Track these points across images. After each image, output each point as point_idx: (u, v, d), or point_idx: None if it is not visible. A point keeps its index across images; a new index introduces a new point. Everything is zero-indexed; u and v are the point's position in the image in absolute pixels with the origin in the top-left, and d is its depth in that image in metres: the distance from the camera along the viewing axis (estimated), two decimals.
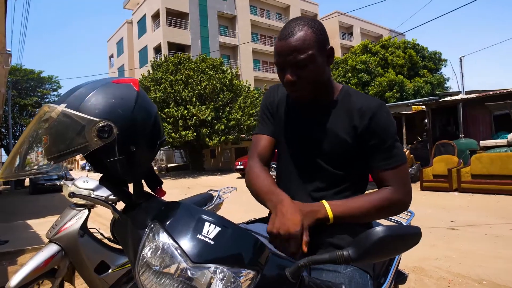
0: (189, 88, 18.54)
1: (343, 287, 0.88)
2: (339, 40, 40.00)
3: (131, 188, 0.90)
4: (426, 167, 9.21)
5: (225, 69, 20.67)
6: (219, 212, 2.97)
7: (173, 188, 12.64)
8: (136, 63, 34.31)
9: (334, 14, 37.56)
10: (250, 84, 22.02)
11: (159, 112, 15.07)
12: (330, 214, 0.94)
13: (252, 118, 19.54)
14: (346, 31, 42.40)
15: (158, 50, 30.29)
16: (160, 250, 0.69)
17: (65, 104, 0.75)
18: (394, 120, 1.05)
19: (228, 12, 32.98)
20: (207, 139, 18.42)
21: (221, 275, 0.66)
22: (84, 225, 2.24)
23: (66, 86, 58.51)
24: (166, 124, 17.80)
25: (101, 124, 0.74)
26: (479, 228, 4.78)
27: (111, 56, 41.40)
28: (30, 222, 6.79)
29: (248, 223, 1.21)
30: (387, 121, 1.01)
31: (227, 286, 0.65)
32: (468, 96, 12.19)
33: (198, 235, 0.69)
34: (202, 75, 19.10)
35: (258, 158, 1.14)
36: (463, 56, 16.00)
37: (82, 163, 37.09)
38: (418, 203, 6.83)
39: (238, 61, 32.88)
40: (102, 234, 2.46)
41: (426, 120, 12.22)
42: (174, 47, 29.57)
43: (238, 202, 5.04)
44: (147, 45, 31.94)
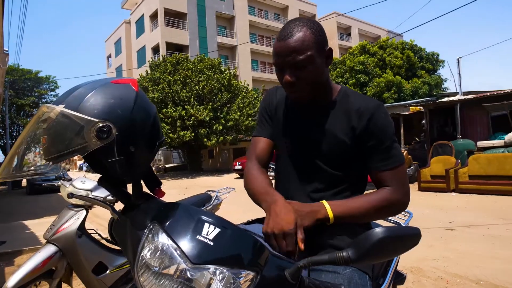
0: (187, 89, 18.52)
1: None
2: (337, 41, 40.08)
3: (129, 189, 0.90)
4: (424, 168, 9.25)
5: (223, 69, 20.66)
6: (217, 212, 2.96)
7: (171, 189, 12.62)
8: (134, 63, 34.26)
9: (332, 15, 37.69)
10: (248, 85, 22.02)
11: (157, 113, 14.94)
12: (331, 214, 0.94)
13: (250, 119, 19.51)
14: (344, 31, 42.50)
15: (156, 50, 30.26)
16: (159, 251, 0.69)
17: (64, 105, 0.75)
18: (392, 120, 1.05)
19: (226, 12, 32.99)
20: (205, 139, 18.39)
21: (220, 276, 0.66)
22: (82, 225, 2.23)
23: (63, 86, 58.41)
24: (164, 125, 17.76)
25: (100, 125, 0.73)
26: (476, 228, 4.80)
27: (109, 56, 41.32)
28: (27, 222, 6.76)
29: (247, 224, 1.21)
30: (385, 121, 1.01)
31: (226, 287, 0.65)
32: (465, 97, 12.23)
33: (198, 236, 0.69)
34: (200, 75, 19.07)
35: (256, 160, 1.16)
36: (461, 57, 16.08)
37: (80, 163, 36.96)
38: (416, 204, 6.84)
39: (236, 61, 32.88)
40: (100, 234, 2.45)
41: (424, 121, 12.25)
42: (172, 47, 29.54)
43: (236, 202, 5.03)
44: (145, 45, 31.91)
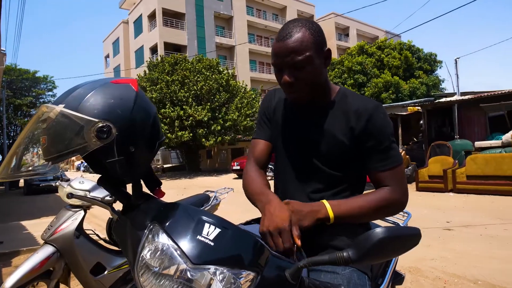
0: (185, 89, 18.50)
1: None
2: (336, 41, 40.15)
3: (129, 189, 0.90)
4: (422, 168, 9.28)
5: (221, 69, 20.65)
6: (216, 213, 2.96)
7: (169, 189, 12.59)
8: (132, 63, 34.18)
9: (330, 15, 37.79)
10: (247, 85, 22.03)
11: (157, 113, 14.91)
12: (331, 214, 0.94)
13: (248, 119, 19.51)
14: (343, 32, 42.58)
15: (154, 50, 30.21)
16: (159, 251, 0.69)
17: (63, 104, 0.74)
18: (391, 121, 1.05)
19: (224, 12, 32.97)
20: (204, 139, 18.37)
21: (221, 276, 0.66)
22: (80, 226, 2.22)
23: (61, 86, 58.17)
24: (162, 125, 17.72)
25: (100, 125, 0.73)
26: (474, 228, 4.82)
27: (107, 56, 41.20)
28: (24, 223, 6.73)
29: (246, 224, 1.21)
30: (383, 122, 1.01)
31: (227, 287, 0.65)
32: (463, 97, 12.27)
33: (198, 236, 0.69)
34: (198, 75, 19.05)
35: (255, 162, 1.17)
36: (458, 58, 16.16)
37: (77, 163, 36.83)
38: (413, 204, 6.86)
39: (235, 61, 32.87)
40: (98, 235, 2.45)
41: (421, 121, 12.30)
42: (171, 47, 29.49)
43: (234, 203, 5.03)
44: (143, 45, 31.84)
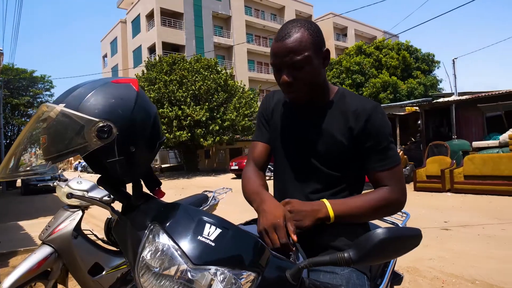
0: (183, 88, 18.47)
1: None
2: (334, 41, 40.20)
3: (129, 189, 0.89)
4: (420, 168, 9.29)
5: (219, 69, 20.63)
6: (214, 213, 2.95)
7: (167, 189, 12.49)
8: (130, 63, 34.09)
9: (328, 16, 37.82)
10: (245, 85, 22.03)
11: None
12: (331, 213, 0.95)
13: (246, 119, 19.51)
14: (341, 32, 42.64)
15: (152, 50, 30.13)
16: (160, 251, 0.69)
17: (64, 104, 0.74)
18: (389, 121, 1.06)
19: (223, 12, 32.95)
20: (202, 139, 18.36)
21: (221, 276, 0.66)
22: (77, 226, 2.21)
23: (58, 85, 57.94)
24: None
25: (100, 124, 0.73)
26: (471, 228, 4.83)
27: (105, 55, 41.08)
28: (22, 223, 6.70)
29: (245, 224, 1.21)
30: (382, 122, 1.01)
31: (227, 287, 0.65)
32: (460, 97, 12.31)
33: (199, 237, 0.69)
34: (196, 75, 19.04)
35: (254, 163, 1.18)
36: (456, 58, 16.22)
37: (75, 163, 36.65)
38: (411, 204, 6.88)
39: (233, 61, 32.85)
40: (96, 235, 2.44)
41: (419, 121, 12.32)
42: (169, 47, 29.45)
43: (233, 203, 5.02)
44: (141, 45, 31.75)
